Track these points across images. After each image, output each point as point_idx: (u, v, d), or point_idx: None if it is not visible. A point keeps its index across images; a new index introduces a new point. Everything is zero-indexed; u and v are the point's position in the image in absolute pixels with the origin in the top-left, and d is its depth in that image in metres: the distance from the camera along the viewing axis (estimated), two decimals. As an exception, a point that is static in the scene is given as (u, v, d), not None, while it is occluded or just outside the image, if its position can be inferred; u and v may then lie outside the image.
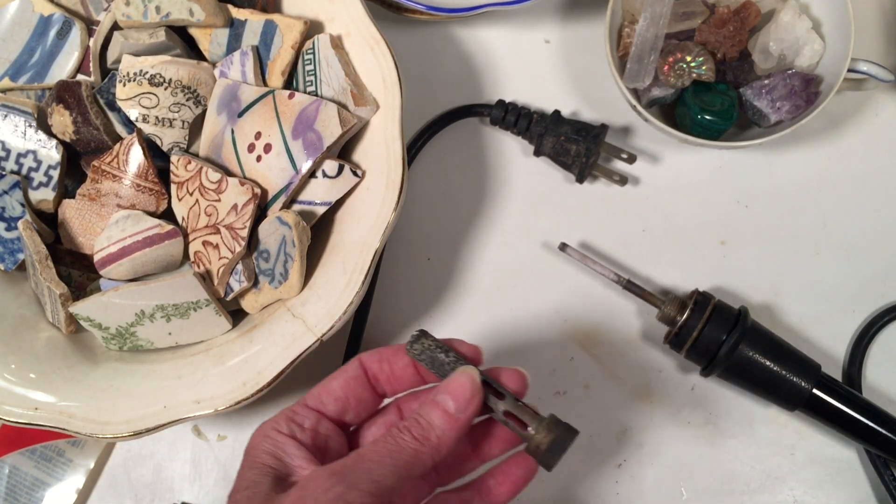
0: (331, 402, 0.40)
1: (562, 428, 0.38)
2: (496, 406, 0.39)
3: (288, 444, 0.38)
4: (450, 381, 0.39)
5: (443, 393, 0.38)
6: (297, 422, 0.39)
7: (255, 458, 0.38)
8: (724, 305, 0.50)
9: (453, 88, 0.57)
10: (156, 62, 0.49)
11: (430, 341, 0.40)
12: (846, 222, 0.55)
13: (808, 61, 0.51)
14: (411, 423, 0.38)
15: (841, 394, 0.49)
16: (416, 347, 0.40)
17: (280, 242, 0.46)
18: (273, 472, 0.38)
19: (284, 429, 0.39)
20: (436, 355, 0.40)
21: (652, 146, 0.56)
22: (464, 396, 0.38)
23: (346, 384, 0.41)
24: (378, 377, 0.41)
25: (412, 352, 0.40)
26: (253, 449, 0.39)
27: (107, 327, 0.48)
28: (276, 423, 0.39)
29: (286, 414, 0.40)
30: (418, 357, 0.40)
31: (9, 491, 0.53)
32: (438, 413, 0.38)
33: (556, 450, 0.38)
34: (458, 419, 0.38)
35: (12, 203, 0.49)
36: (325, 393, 0.40)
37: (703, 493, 0.52)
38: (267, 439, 0.39)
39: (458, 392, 0.38)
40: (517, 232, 0.55)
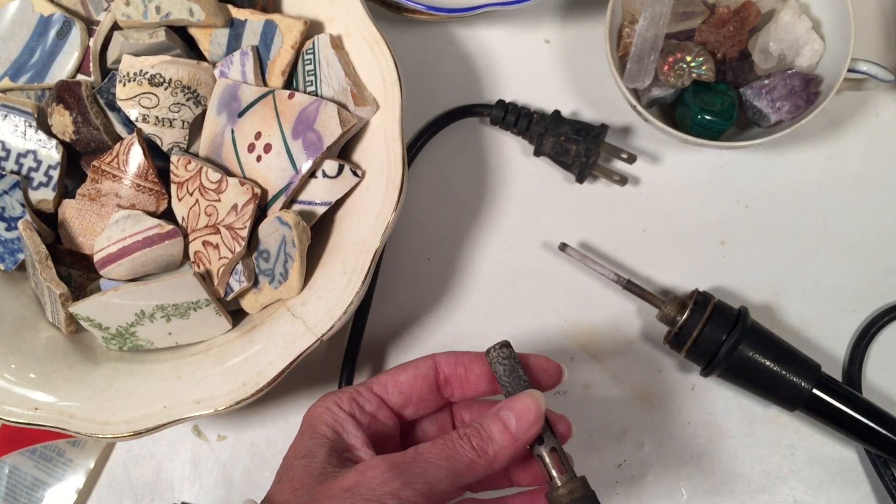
0: (395, 394, 0.41)
1: (586, 495, 0.38)
2: (538, 446, 0.39)
3: (348, 422, 0.39)
4: (516, 400, 0.39)
5: (508, 410, 0.38)
6: (359, 403, 0.40)
7: (315, 429, 0.39)
8: (724, 305, 0.50)
9: (453, 88, 0.57)
10: (156, 62, 0.49)
11: (513, 353, 0.40)
12: (846, 222, 0.55)
13: (808, 61, 0.51)
14: (472, 431, 0.38)
15: (841, 394, 0.49)
16: (502, 352, 0.40)
17: (280, 242, 0.46)
18: (330, 445, 0.38)
19: (346, 406, 0.40)
20: (516, 368, 0.40)
21: (652, 146, 0.56)
22: (528, 419, 0.38)
23: (414, 380, 0.41)
24: (450, 379, 0.42)
25: (496, 354, 0.40)
26: (314, 419, 0.40)
27: (107, 327, 0.48)
28: (339, 398, 0.40)
29: (350, 393, 0.41)
30: (500, 361, 0.40)
31: (9, 491, 0.53)
32: (500, 428, 0.38)
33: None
34: (516, 439, 0.38)
35: (12, 203, 0.49)
36: (391, 383, 0.41)
37: (703, 493, 0.52)
38: (328, 412, 0.40)
39: (524, 413, 0.38)
40: (517, 232, 0.55)
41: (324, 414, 0.40)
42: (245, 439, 0.54)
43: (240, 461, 0.54)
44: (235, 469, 0.54)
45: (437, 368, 0.42)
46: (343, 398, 0.40)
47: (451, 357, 0.42)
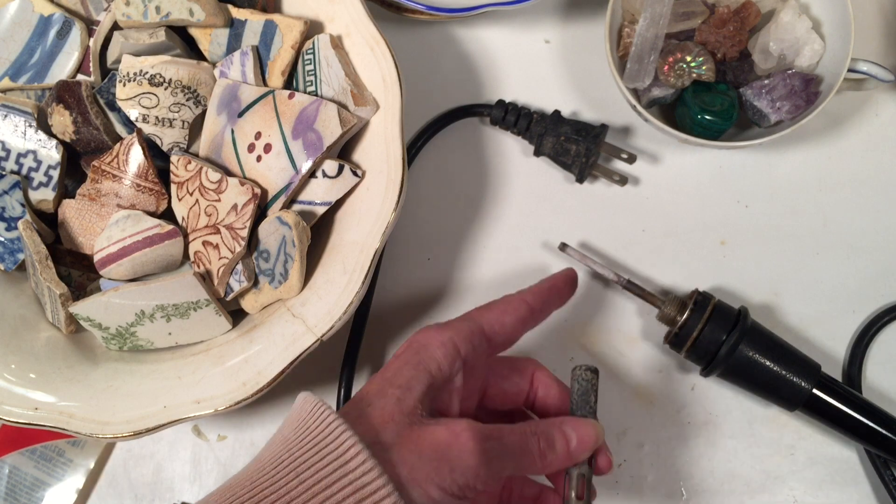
0: (500, 337, 0.42)
1: None
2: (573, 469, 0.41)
3: (457, 366, 0.40)
4: (584, 424, 0.40)
5: (572, 429, 0.40)
6: (475, 346, 0.41)
7: (421, 360, 0.39)
8: (724, 305, 0.50)
9: (453, 88, 0.57)
10: (156, 62, 0.49)
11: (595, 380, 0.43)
12: (846, 222, 0.55)
13: (808, 61, 0.51)
14: (543, 434, 0.39)
15: (841, 394, 0.49)
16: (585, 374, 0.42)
17: (280, 242, 0.46)
18: (430, 382, 0.38)
19: (464, 348, 0.40)
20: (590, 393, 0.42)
21: (652, 146, 0.56)
22: (586, 445, 0.40)
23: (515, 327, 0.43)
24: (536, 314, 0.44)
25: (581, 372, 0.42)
26: (424, 348, 0.39)
27: (107, 327, 0.48)
28: (458, 336, 0.40)
29: (467, 331, 0.41)
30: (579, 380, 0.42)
31: (9, 491, 0.53)
32: (563, 443, 0.40)
33: None
34: (570, 458, 0.40)
35: (12, 203, 0.49)
36: (499, 325, 0.42)
37: (703, 493, 0.52)
38: (443, 348, 0.39)
39: (585, 439, 0.40)
40: (517, 232, 0.55)
41: (437, 348, 0.39)
42: (245, 439, 0.54)
43: (240, 461, 0.54)
44: (235, 469, 0.54)
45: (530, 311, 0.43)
46: (460, 337, 0.40)
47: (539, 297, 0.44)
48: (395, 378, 0.38)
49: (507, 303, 0.43)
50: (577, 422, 0.41)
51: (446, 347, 0.39)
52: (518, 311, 0.43)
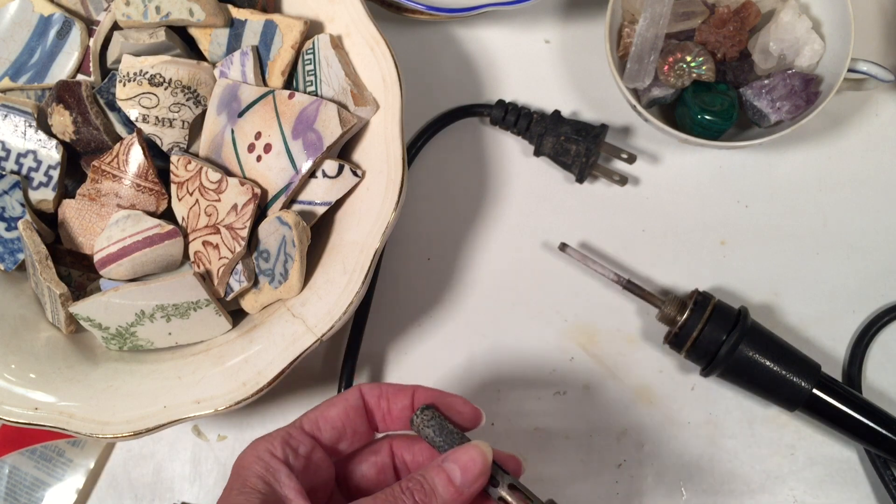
0: (328, 430, 0.39)
1: None
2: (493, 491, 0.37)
3: (281, 471, 0.37)
4: (461, 452, 0.37)
5: (451, 462, 0.37)
6: (292, 446, 0.38)
7: (245, 481, 0.36)
8: (724, 305, 0.50)
9: (453, 88, 0.57)
10: (156, 62, 0.49)
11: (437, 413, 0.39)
12: (846, 222, 0.55)
13: (808, 61, 0.51)
14: (415, 485, 0.36)
15: (841, 394, 0.49)
16: (425, 415, 0.39)
17: (280, 242, 0.46)
18: (262, 499, 0.36)
19: (279, 452, 0.37)
20: (445, 425, 0.39)
21: (652, 146, 0.56)
22: (473, 471, 0.36)
23: (345, 414, 0.39)
24: (374, 412, 0.40)
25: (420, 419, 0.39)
26: (244, 469, 0.37)
27: (107, 327, 0.48)
28: (272, 444, 0.37)
29: (282, 436, 0.38)
30: (426, 425, 0.38)
31: (9, 491, 0.53)
32: (443, 481, 0.36)
33: None
34: (461, 493, 0.36)
35: (12, 203, 0.49)
36: (322, 419, 0.39)
37: (703, 493, 0.52)
38: (260, 462, 0.37)
39: (469, 466, 0.36)
40: (517, 232, 0.55)
41: (254, 464, 0.37)
42: (245, 439, 0.54)
43: (240, 461, 0.54)
44: (235, 469, 0.54)
45: (364, 400, 0.40)
46: (276, 444, 0.37)
47: (375, 389, 0.40)
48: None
49: (341, 395, 0.40)
50: (455, 452, 0.37)
51: (263, 461, 0.37)
52: (346, 400, 0.39)
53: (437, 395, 0.40)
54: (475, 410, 0.40)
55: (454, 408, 0.40)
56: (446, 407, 0.40)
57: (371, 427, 0.41)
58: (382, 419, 0.40)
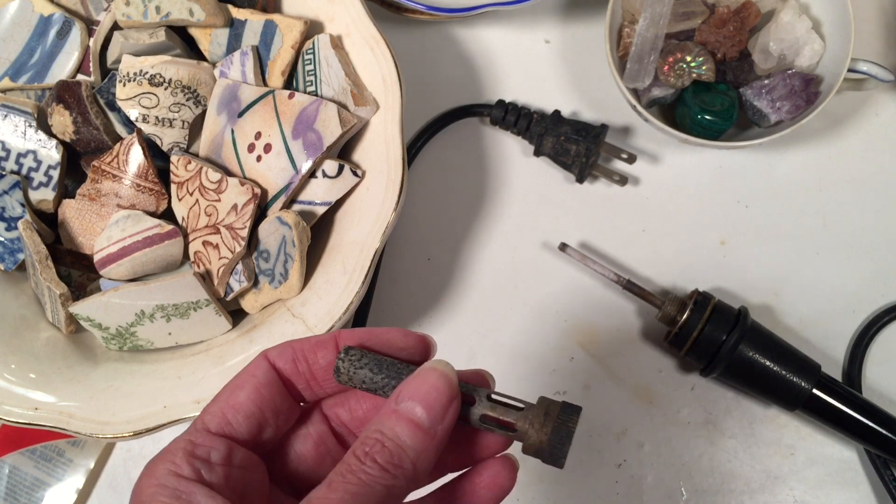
0: (241, 421, 0.30)
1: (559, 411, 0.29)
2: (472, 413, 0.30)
3: (196, 493, 0.27)
4: (415, 382, 0.28)
5: (408, 399, 0.28)
6: (200, 457, 0.28)
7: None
8: (724, 305, 0.50)
9: (453, 88, 0.57)
10: (156, 62, 0.49)
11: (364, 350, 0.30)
12: (846, 222, 0.55)
13: (808, 61, 0.51)
14: (374, 446, 0.27)
15: (841, 394, 0.49)
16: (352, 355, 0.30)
17: (280, 242, 0.46)
18: None
19: (186, 470, 0.28)
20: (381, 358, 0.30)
21: (652, 146, 0.56)
22: (439, 401, 0.28)
23: (257, 395, 0.30)
24: (293, 380, 0.31)
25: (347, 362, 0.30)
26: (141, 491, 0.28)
27: (107, 327, 0.48)
28: (172, 463, 0.28)
29: (183, 448, 0.29)
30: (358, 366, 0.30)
31: (9, 491, 0.53)
32: (408, 428, 0.28)
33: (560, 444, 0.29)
34: (434, 433, 0.28)
35: (12, 203, 0.49)
36: (230, 410, 0.30)
37: (703, 493, 0.52)
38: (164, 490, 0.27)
39: (432, 396, 0.28)
40: (517, 232, 0.55)
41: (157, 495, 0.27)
42: (245, 439, 0.54)
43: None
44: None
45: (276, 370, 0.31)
46: (177, 461, 0.28)
47: (285, 351, 0.31)
48: None
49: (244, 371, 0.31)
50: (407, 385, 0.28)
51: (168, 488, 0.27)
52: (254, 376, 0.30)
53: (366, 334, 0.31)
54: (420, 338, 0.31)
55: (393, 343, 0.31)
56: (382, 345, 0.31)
57: (295, 399, 0.32)
58: (307, 386, 0.31)
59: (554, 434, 0.29)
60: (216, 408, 0.30)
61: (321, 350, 0.31)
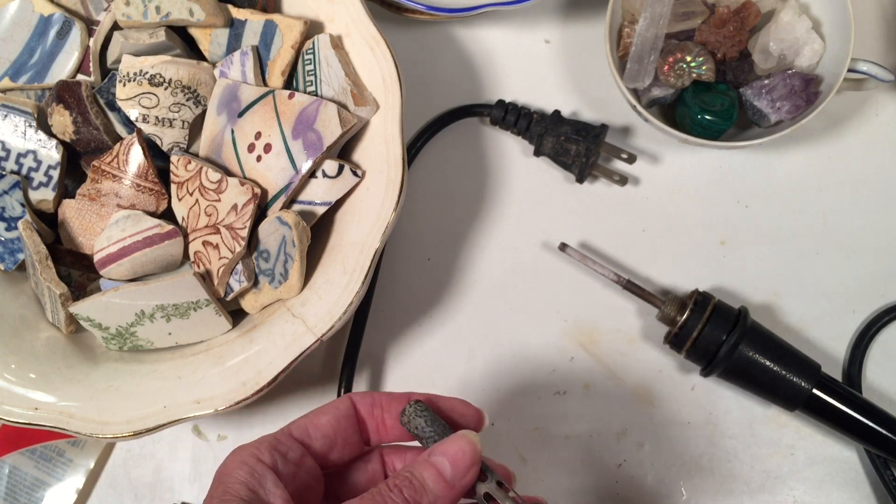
0: (318, 438, 0.37)
1: None
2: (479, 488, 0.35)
3: (267, 477, 0.34)
4: (448, 443, 0.35)
5: (440, 455, 0.34)
6: (281, 451, 0.35)
7: (227, 487, 0.34)
8: (724, 305, 0.50)
9: (453, 88, 0.57)
10: (156, 62, 0.49)
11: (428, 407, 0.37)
12: (846, 222, 0.55)
13: (808, 61, 0.51)
14: (403, 481, 0.34)
15: (841, 394, 0.49)
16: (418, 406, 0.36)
17: (280, 242, 0.46)
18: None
19: (266, 458, 0.35)
20: (437, 418, 0.36)
21: (652, 146, 0.56)
22: (463, 462, 0.34)
23: (336, 422, 0.37)
24: (367, 422, 0.38)
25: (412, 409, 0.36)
26: (227, 476, 0.34)
27: (107, 327, 0.48)
28: (258, 449, 0.35)
29: (269, 441, 0.36)
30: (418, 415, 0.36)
31: (9, 491, 0.53)
32: (433, 475, 0.34)
33: None
34: (452, 486, 0.34)
35: (12, 203, 0.49)
36: (312, 427, 0.37)
37: (703, 493, 0.52)
38: (244, 466, 0.34)
39: (458, 457, 0.34)
40: (517, 232, 0.55)
41: (238, 470, 0.34)
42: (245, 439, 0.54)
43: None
44: (235, 469, 0.54)
45: (355, 409, 0.38)
46: (262, 449, 0.35)
47: (367, 398, 0.38)
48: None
49: (331, 403, 0.38)
50: (442, 444, 0.35)
51: (248, 465, 0.34)
52: (336, 408, 0.37)
53: (434, 397, 0.38)
54: (477, 411, 0.38)
55: (455, 409, 0.38)
56: (445, 409, 0.38)
57: (363, 438, 0.38)
58: (376, 430, 0.38)
59: None
60: (302, 422, 0.37)
61: (395, 403, 0.38)
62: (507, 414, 0.53)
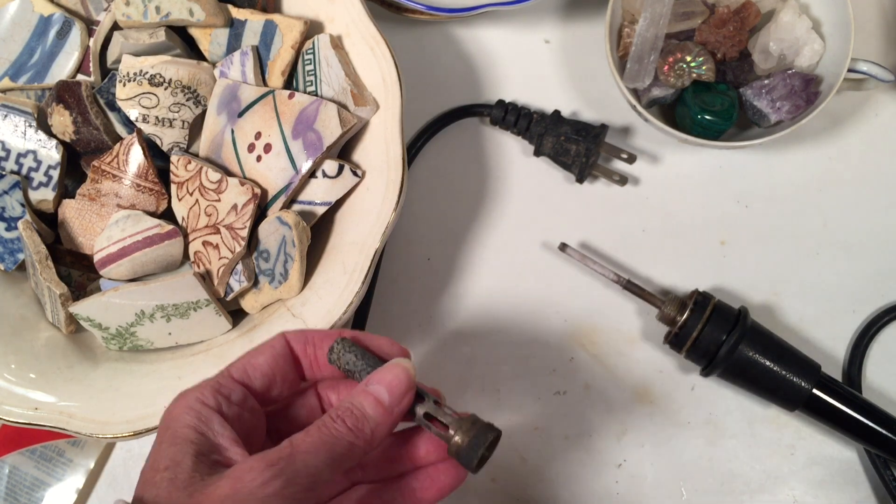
0: (258, 377, 0.38)
1: (480, 427, 0.36)
2: (418, 410, 0.37)
3: (213, 419, 0.35)
4: (383, 371, 0.37)
5: (376, 383, 0.36)
6: (223, 394, 0.36)
7: (175, 433, 0.35)
8: (724, 305, 0.50)
9: (453, 88, 0.57)
10: (156, 62, 0.49)
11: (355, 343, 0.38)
12: (846, 222, 0.55)
13: (808, 61, 0.51)
14: (345, 412, 0.35)
15: (841, 394, 0.49)
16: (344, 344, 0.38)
17: (280, 242, 0.46)
18: (195, 449, 0.34)
19: (211, 401, 0.36)
20: (365, 352, 0.38)
21: (652, 146, 0.56)
22: (399, 389, 0.36)
23: (273, 361, 0.38)
24: (301, 360, 0.39)
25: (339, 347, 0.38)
26: (173, 421, 0.35)
27: (107, 327, 0.48)
28: (202, 393, 0.36)
29: (212, 385, 0.37)
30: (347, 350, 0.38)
31: (9, 491, 0.53)
32: (372, 403, 0.36)
33: (474, 449, 0.36)
34: (391, 412, 0.36)
35: (12, 203, 0.49)
36: (251, 367, 0.38)
37: (703, 493, 0.52)
38: (190, 411, 0.35)
39: (395, 383, 0.36)
40: (517, 232, 0.55)
41: (184, 414, 0.35)
42: (245, 439, 0.54)
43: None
44: (235, 469, 0.54)
45: (290, 347, 0.39)
46: (206, 392, 0.36)
47: (300, 336, 0.39)
48: (158, 462, 0.35)
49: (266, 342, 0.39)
50: (378, 373, 0.36)
51: (194, 409, 0.35)
52: (272, 347, 0.38)
53: (362, 336, 0.39)
54: (402, 350, 0.39)
55: (381, 349, 0.39)
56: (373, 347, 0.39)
57: (299, 374, 0.39)
58: (309, 367, 0.39)
59: (471, 443, 0.36)
60: (240, 363, 0.38)
61: (327, 341, 0.39)
62: (507, 414, 0.53)
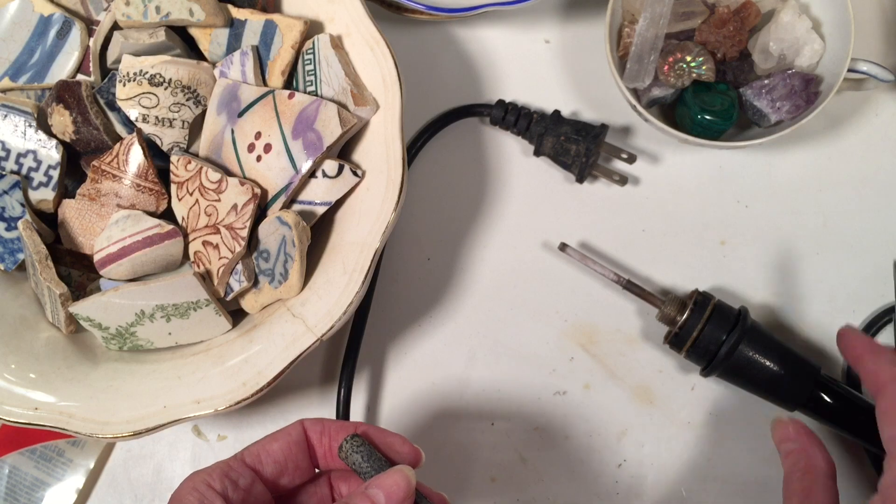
0: (269, 464, 0.39)
1: None
2: None
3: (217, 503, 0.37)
4: (385, 477, 0.37)
5: (376, 487, 0.37)
6: (231, 478, 0.38)
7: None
8: (724, 305, 0.50)
9: (453, 88, 0.57)
10: (156, 62, 0.49)
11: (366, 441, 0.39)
12: (846, 222, 0.55)
13: (808, 61, 0.51)
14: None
15: (841, 394, 0.49)
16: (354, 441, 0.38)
17: (280, 242, 0.46)
18: None
19: (217, 484, 0.37)
20: (374, 452, 0.38)
21: (652, 146, 0.56)
22: (397, 496, 0.36)
23: (287, 448, 0.39)
24: (316, 448, 0.40)
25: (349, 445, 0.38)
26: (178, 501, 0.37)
27: (107, 327, 0.48)
28: (210, 476, 0.37)
29: (221, 468, 0.38)
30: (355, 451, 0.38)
31: (9, 491, 0.53)
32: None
33: None
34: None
35: (12, 203, 0.49)
36: (264, 453, 0.39)
37: (703, 493, 0.52)
38: (195, 493, 0.37)
39: (393, 490, 0.37)
40: (517, 232, 0.55)
41: (189, 495, 0.36)
42: (245, 439, 0.54)
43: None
44: (235, 469, 0.54)
45: (306, 435, 0.40)
46: (214, 475, 0.37)
47: (317, 425, 0.40)
48: None
49: (283, 429, 0.40)
50: (378, 478, 0.37)
51: (198, 491, 0.37)
52: (289, 434, 0.40)
53: (376, 432, 0.40)
54: (414, 450, 0.40)
55: (392, 447, 0.40)
56: (384, 445, 0.39)
57: (312, 463, 0.40)
58: (324, 456, 0.40)
59: None
60: (255, 448, 0.39)
61: (343, 432, 0.40)
62: (507, 414, 0.53)
